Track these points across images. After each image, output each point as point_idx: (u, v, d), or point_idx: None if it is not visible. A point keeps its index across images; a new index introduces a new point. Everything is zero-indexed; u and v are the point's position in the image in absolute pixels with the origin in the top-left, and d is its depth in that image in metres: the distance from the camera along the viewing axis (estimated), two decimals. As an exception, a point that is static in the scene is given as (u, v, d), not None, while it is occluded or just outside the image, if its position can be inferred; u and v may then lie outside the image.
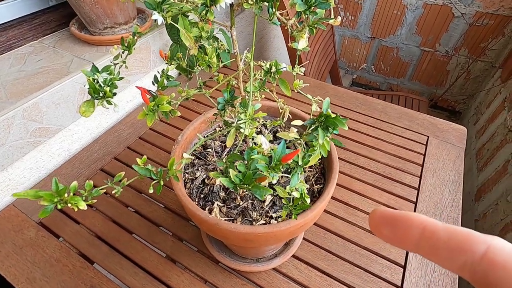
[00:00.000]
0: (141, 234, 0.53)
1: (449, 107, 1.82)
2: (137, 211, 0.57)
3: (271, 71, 0.30)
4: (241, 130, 0.27)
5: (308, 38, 0.28)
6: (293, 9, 0.25)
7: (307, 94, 0.33)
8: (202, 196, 0.38)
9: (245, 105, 0.28)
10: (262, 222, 0.35)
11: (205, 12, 0.24)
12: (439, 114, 1.85)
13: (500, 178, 1.08)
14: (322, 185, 0.38)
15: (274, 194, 0.36)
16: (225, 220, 0.35)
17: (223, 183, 0.25)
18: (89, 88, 0.27)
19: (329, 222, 0.55)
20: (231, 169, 0.25)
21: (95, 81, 0.27)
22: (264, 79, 0.31)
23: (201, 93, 0.33)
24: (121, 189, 0.26)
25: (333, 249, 0.51)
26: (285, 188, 0.33)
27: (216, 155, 0.43)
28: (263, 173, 0.25)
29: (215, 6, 0.24)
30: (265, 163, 0.25)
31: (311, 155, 0.27)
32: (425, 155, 0.67)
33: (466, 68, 1.61)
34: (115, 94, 0.28)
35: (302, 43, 0.27)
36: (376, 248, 0.51)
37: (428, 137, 0.71)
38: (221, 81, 0.34)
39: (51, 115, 0.59)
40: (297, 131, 0.35)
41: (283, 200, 0.29)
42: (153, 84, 0.36)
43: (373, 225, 0.14)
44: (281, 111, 0.35)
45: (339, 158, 0.65)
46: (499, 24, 1.43)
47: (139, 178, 0.27)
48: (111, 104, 0.28)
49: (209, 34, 0.30)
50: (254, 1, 0.23)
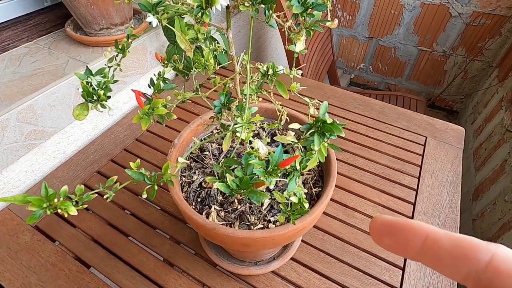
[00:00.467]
0: (137, 237, 0.53)
1: (446, 107, 1.82)
2: (133, 214, 0.56)
3: (268, 73, 0.30)
4: (238, 134, 0.27)
5: (305, 39, 0.28)
6: (291, 10, 0.25)
7: (304, 96, 0.32)
8: (199, 200, 0.38)
9: (241, 108, 0.27)
10: (260, 226, 0.34)
11: (200, 14, 0.24)
12: (436, 113, 1.85)
13: (497, 177, 1.09)
14: (320, 188, 0.38)
15: (272, 197, 0.36)
16: (223, 224, 0.35)
17: (219, 188, 0.25)
18: (82, 91, 0.26)
19: (327, 224, 0.54)
20: (228, 174, 0.24)
21: (89, 84, 0.27)
22: (261, 81, 0.31)
23: (197, 96, 0.33)
24: (113, 194, 0.26)
25: (332, 251, 0.51)
26: (282, 192, 0.32)
27: (213, 158, 0.42)
28: (261, 178, 0.24)
29: (211, 8, 0.23)
30: (262, 168, 0.24)
31: (309, 159, 0.27)
32: (423, 156, 0.67)
33: (463, 67, 1.61)
34: (109, 97, 0.27)
35: (299, 46, 0.26)
36: (375, 250, 0.51)
37: (426, 137, 0.71)
38: (218, 83, 0.33)
39: (46, 117, 0.58)
40: (295, 134, 0.34)
41: (281, 205, 0.28)
42: (149, 87, 0.35)
43: (374, 234, 0.14)
44: (278, 113, 0.35)
45: (337, 159, 0.65)
46: (496, 23, 1.43)
47: (133, 182, 0.27)
48: (105, 107, 0.28)
49: (205, 35, 0.30)
50: (250, 3, 0.23)
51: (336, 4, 1.74)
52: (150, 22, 0.25)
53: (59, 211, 0.20)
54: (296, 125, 0.32)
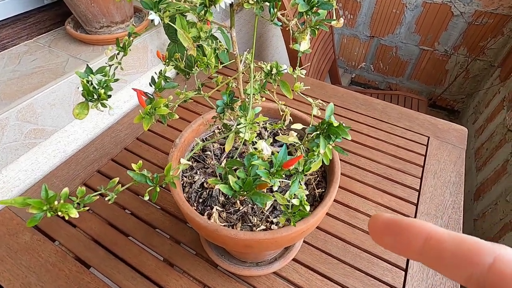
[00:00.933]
0: (138, 237, 0.52)
1: (448, 106, 1.82)
2: (134, 214, 0.56)
3: (272, 73, 0.29)
4: (241, 134, 0.26)
5: (310, 38, 0.27)
6: (293, 9, 0.24)
7: (308, 96, 0.32)
8: (201, 200, 0.37)
9: (245, 108, 0.27)
10: (262, 227, 0.34)
11: (203, 12, 0.23)
12: (438, 113, 1.84)
13: (499, 177, 1.08)
14: (323, 189, 0.38)
15: (274, 198, 0.36)
16: (225, 225, 0.34)
17: (222, 190, 0.24)
18: (83, 90, 0.26)
19: (329, 224, 0.54)
20: (230, 176, 0.24)
21: (89, 83, 0.26)
22: (264, 81, 0.31)
23: (200, 95, 0.32)
24: (115, 196, 0.25)
25: (334, 252, 0.51)
26: (285, 193, 0.32)
27: (215, 158, 0.42)
28: (264, 179, 0.24)
29: (214, 6, 0.23)
30: (266, 169, 0.24)
31: (313, 161, 0.26)
32: (425, 156, 0.66)
33: (465, 67, 1.61)
34: (109, 96, 0.27)
35: (304, 45, 0.26)
36: (377, 251, 0.51)
37: (428, 137, 0.70)
38: (220, 83, 0.33)
39: (46, 116, 0.58)
40: (297, 135, 0.34)
41: (281, 207, 0.28)
42: (151, 85, 0.35)
43: (373, 232, 0.13)
44: (282, 113, 0.34)
45: (339, 159, 0.65)
46: (498, 23, 1.42)
47: (134, 184, 0.26)
48: (106, 106, 0.27)
49: (207, 34, 0.29)
50: (255, 1, 0.22)
51: (337, 3, 1.74)
52: (152, 20, 0.25)
53: (60, 213, 0.19)
54: (298, 126, 0.31)
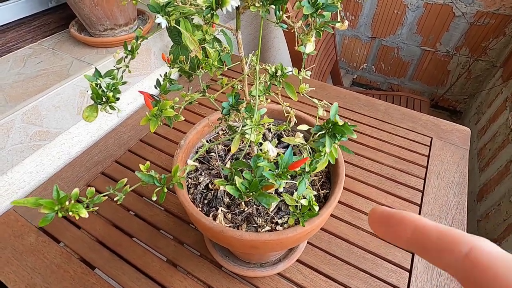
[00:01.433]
0: (142, 238, 0.53)
1: (450, 107, 1.81)
2: (138, 215, 0.56)
3: (277, 75, 0.29)
4: (247, 136, 0.26)
5: (315, 40, 0.27)
6: (296, 12, 0.25)
7: (313, 98, 0.32)
8: (206, 201, 0.38)
9: (250, 110, 0.27)
10: (267, 228, 0.34)
11: (210, 15, 0.24)
12: (440, 114, 1.84)
13: (502, 178, 1.08)
14: (328, 190, 0.38)
15: (279, 199, 0.36)
16: (230, 226, 0.35)
17: (228, 191, 0.24)
18: (92, 93, 0.26)
19: (333, 225, 0.54)
20: (236, 177, 0.24)
21: (98, 86, 0.27)
22: (269, 83, 0.31)
23: (205, 97, 0.32)
24: (123, 196, 0.26)
25: (338, 253, 0.51)
26: (291, 194, 0.32)
27: (219, 159, 0.42)
28: (270, 180, 0.24)
29: (221, 9, 0.23)
30: (272, 171, 0.24)
31: (318, 161, 0.26)
32: (429, 157, 0.66)
33: (467, 67, 1.61)
34: (118, 99, 0.27)
35: (309, 47, 0.26)
36: (381, 251, 0.51)
37: (431, 138, 0.70)
38: (225, 84, 0.33)
39: (51, 118, 0.58)
40: (303, 136, 0.34)
41: (290, 207, 0.28)
42: (155, 87, 0.35)
43: (371, 221, 0.15)
44: (286, 115, 0.34)
45: (342, 160, 0.65)
46: (500, 23, 1.42)
47: (142, 184, 0.26)
48: (114, 109, 0.28)
49: (212, 36, 0.30)
50: (261, 3, 0.23)
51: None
52: (159, 23, 0.25)
53: (71, 213, 0.20)
54: (304, 126, 0.31)
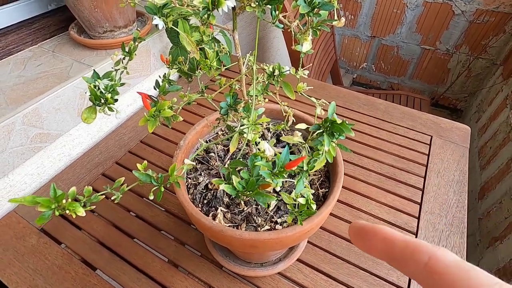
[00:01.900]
0: (143, 239, 0.53)
1: (450, 105, 1.81)
2: (138, 216, 0.56)
3: (274, 74, 0.30)
4: (244, 135, 0.26)
5: (312, 39, 0.28)
6: (294, 11, 0.25)
7: (311, 97, 0.32)
8: (205, 201, 0.38)
9: (248, 109, 0.27)
10: (267, 227, 0.34)
11: (206, 16, 0.24)
12: (440, 112, 1.84)
13: (503, 176, 1.08)
14: (327, 189, 0.38)
15: (278, 198, 0.36)
16: (229, 226, 0.35)
17: (226, 190, 0.25)
18: (90, 95, 0.26)
19: (333, 224, 0.54)
20: (233, 176, 0.24)
21: (96, 87, 0.27)
22: (267, 82, 0.31)
23: (203, 97, 0.33)
24: (121, 195, 0.26)
25: (338, 252, 0.51)
26: (289, 192, 0.32)
27: (219, 159, 0.42)
28: (267, 179, 0.24)
29: (217, 9, 0.23)
30: (269, 170, 0.24)
31: (316, 160, 0.27)
32: (429, 155, 0.66)
33: (467, 66, 1.60)
34: (116, 100, 0.28)
35: (306, 46, 0.26)
36: (381, 250, 0.51)
37: (431, 136, 0.70)
38: (223, 84, 0.33)
39: (51, 120, 0.59)
40: (301, 135, 0.34)
41: (288, 206, 0.28)
42: (155, 88, 0.35)
43: (351, 236, 0.16)
44: (285, 114, 0.34)
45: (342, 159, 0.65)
46: (499, 21, 1.42)
47: (139, 184, 0.27)
48: (113, 110, 0.28)
49: (210, 37, 0.30)
50: (256, 4, 0.23)
51: (338, 3, 1.74)
52: (156, 24, 0.25)
53: (67, 211, 0.20)
54: (303, 125, 0.31)
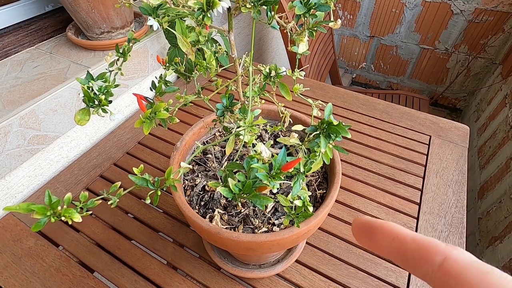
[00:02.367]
0: (141, 241, 0.53)
1: (449, 105, 1.81)
2: (136, 218, 0.56)
3: (271, 75, 0.29)
4: (241, 137, 0.26)
5: (308, 40, 0.27)
6: (292, 11, 0.25)
7: (308, 98, 0.32)
8: (202, 203, 0.38)
9: (244, 111, 0.27)
10: (264, 229, 0.34)
11: (201, 17, 0.24)
12: (439, 111, 1.84)
13: (503, 175, 1.07)
14: (325, 190, 0.38)
15: (275, 200, 0.36)
16: (227, 228, 0.35)
17: (222, 193, 0.24)
18: (83, 96, 0.26)
19: (332, 225, 0.54)
20: (230, 178, 0.24)
21: (90, 89, 0.27)
22: (263, 83, 0.31)
23: (200, 99, 0.32)
24: (118, 200, 0.26)
25: (337, 253, 0.50)
26: (287, 194, 0.32)
27: (216, 161, 0.42)
28: (264, 182, 0.24)
29: (212, 10, 0.23)
30: (265, 172, 0.24)
31: (313, 161, 0.26)
32: (428, 155, 0.66)
33: (466, 65, 1.60)
34: (110, 102, 0.27)
35: (302, 47, 0.26)
36: (380, 251, 0.51)
37: (430, 136, 0.70)
38: (220, 86, 0.33)
39: (48, 122, 0.58)
40: (298, 136, 0.34)
41: (285, 208, 0.28)
42: (151, 90, 0.35)
43: (354, 232, 0.15)
44: (281, 115, 0.34)
45: (340, 160, 0.65)
46: (498, 20, 1.42)
47: (136, 188, 0.26)
48: (107, 112, 0.28)
49: (206, 38, 0.30)
50: (252, 5, 0.22)
51: (336, 3, 1.74)
52: (151, 25, 0.25)
53: (63, 218, 0.20)
54: (299, 127, 0.31)
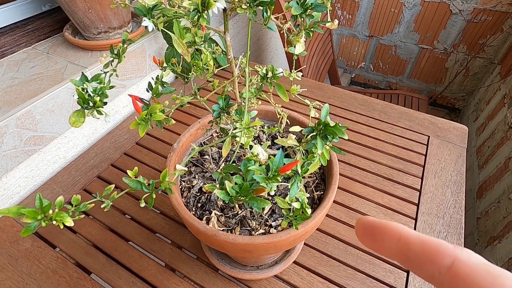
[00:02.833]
0: (138, 242, 0.52)
1: (448, 105, 1.81)
2: (134, 219, 0.56)
3: (268, 76, 0.29)
4: (237, 139, 0.26)
5: (305, 40, 0.27)
6: (289, 11, 0.24)
7: (305, 98, 0.32)
8: (199, 205, 0.37)
9: (240, 112, 0.27)
10: (261, 231, 0.34)
11: (197, 17, 0.23)
12: (438, 111, 1.84)
13: (501, 175, 1.07)
14: (322, 191, 0.37)
15: (273, 202, 0.36)
16: (223, 230, 0.34)
17: (219, 195, 0.24)
18: (78, 98, 0.26)
19: (330, 226, 0.54)
20: (226, 181, 0.24)
21: (85, 90, 0.26)
22: (260, 84, 0.30)
23: (196, 100, 0.32)
24: (111, 203, 0.25)
25: (335, 254, 0.50)
26: (284, 196, 0.32)
27: (213, 162, 0.42)
28: (261, 184, 0.24)
29: (207, 11, 0.23)
30: (263, 174, 0.24)
31: (311, 163, 0.26)
32: (426, 156, 0.66)
33: (465, 65, 1.60)
34: (105, 103, 0.27)
35: (299, 48, 0.26)
36: (378, 252, 0.50)
37: (429, 137, 0.70)
38: (216, 87, 0.33)
39: (45, 122, 0.58)
40: (296, 137, 0.33)
41: (283, 210, 0.28)
42: (147, 91, 0.35)
43: (357, 233, 0.15)
44: (278, 116, 0.34)
45: (338, 160, 0.64)
46: (497, 20, 1.42)
47: (130, 190, 0.26)
48: (102, 113, 0.27)
49: (203, 38, 0.29)
50: (247, 5, 0.22)
51: (335, 3, 1.74)
52: (146, 26, 0.25)
53: (54, 222, 0.19)
54: (297, 128, 0.31)
